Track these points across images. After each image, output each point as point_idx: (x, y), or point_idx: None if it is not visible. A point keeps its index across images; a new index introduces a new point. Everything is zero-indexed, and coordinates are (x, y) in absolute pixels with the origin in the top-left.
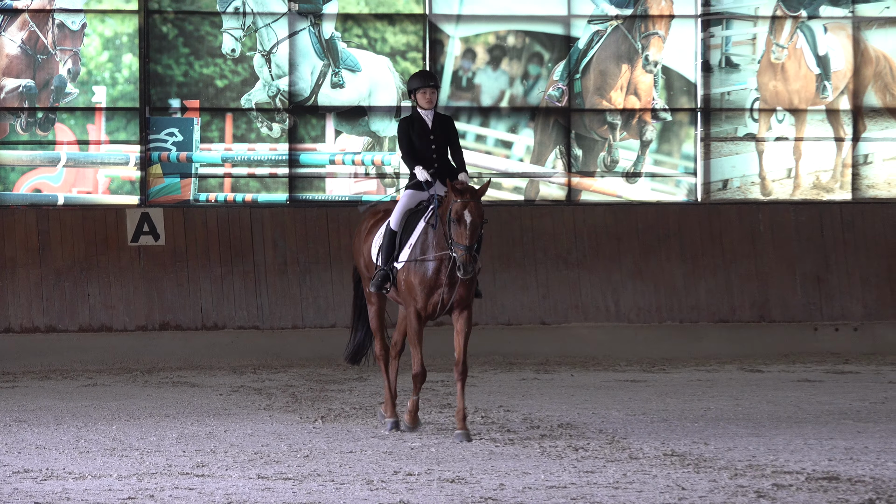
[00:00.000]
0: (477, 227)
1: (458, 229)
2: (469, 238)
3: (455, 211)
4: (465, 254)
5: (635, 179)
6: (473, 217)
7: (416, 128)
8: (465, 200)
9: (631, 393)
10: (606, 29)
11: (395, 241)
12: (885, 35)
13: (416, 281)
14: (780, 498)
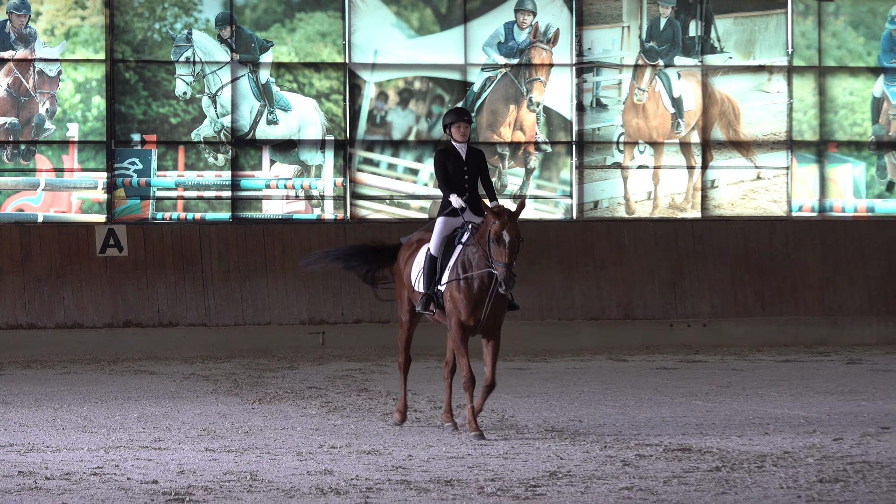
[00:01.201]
0: (515, 246)
1: (497, 248)
2: (508, 256)
3: (495, 231)
4: (505, 270)
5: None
6: (512, 237)
7: (451, 159)
8: (503, 221)
9: (518, 379)
10: (497, 75)
11: (435, 265)
12: (728, 81)
13: (460, 296)
14: (642, 466)
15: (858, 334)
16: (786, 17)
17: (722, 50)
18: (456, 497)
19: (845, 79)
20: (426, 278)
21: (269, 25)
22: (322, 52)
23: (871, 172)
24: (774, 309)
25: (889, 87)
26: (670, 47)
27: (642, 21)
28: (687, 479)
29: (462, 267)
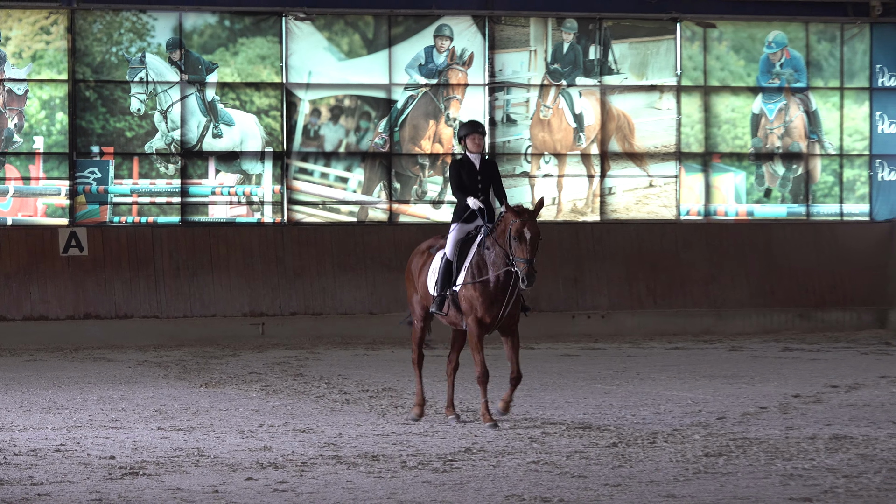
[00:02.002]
0: (536, 242)
1: (519, 245)
2: (530, 252)
3: (516, 229)
4: (527, 266)
5: (440, 206)
6: (532, 234)
7: (465, 169)
8: (524, 219)
9: (437, 365)
10: (418, 94)
11: (451, 268)
12: (623, 99)
13: (477, 294)
14: (548, 442)
15: (739, 324)
16: (675, 43)
17: (618, 71)
18: (381, 470)
19: (728, 97)
20: (441, 280)
21: (214, 49)
22: (262, 73)
23: (750, 181)
24: (665, 302)
25: (766, 104)
26: (572, 69)
27: (548, 45)
28: (587, 454)
29: (478, 267)
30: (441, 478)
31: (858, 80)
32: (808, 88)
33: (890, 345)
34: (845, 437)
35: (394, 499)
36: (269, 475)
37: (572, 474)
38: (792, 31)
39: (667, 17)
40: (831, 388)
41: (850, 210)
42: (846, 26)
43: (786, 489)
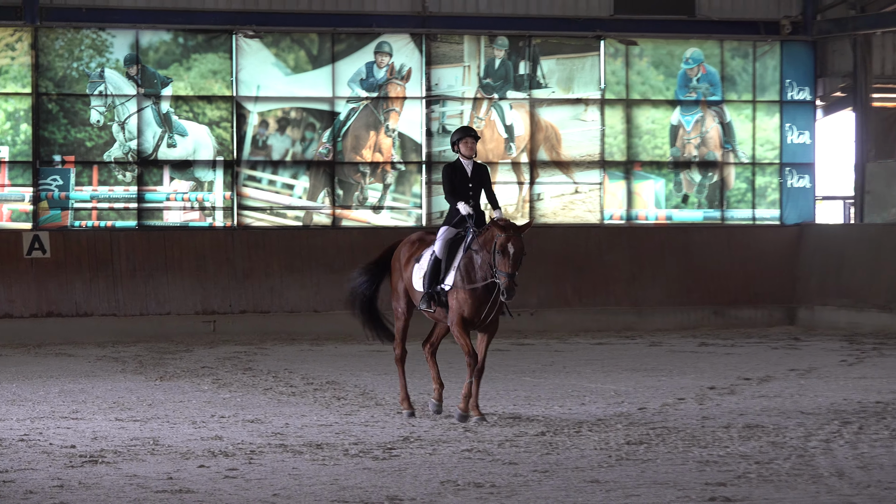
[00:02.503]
0: (518, 259)
1: (502, 259)
2: (512, 267)
3: (500, 243)
4: (507, 280)
5: (380, 211)
6: (516, 250)
7: (457, 173)
8: (508, 235)
9: (377, 359)
10: (359, 106)
11: (439, 267)
12: (551, 111)
13: (467, 297)
14: (480, 431)
15: (659, 321)
16: (599, 59)
17: (546, 85)
18: (325, 458)
19: (648, 110)
20: (429, 278)
21: (169, 64)
22: (213, 86)
23: (669, 187)
24: (589, 300)
25: (684, 116)
26: (503, 83)
27: (480, 61)
28: (517, 442)
29: (467, 271)
30: (381, 465)
31: (769, 94)
32: (722, 101)
33: (799, 340)
34: (757, 426)
35: (336, 484)
36: (220, 463)
37: (503, 461)
38: (708, 48)
39: (591, 35)
40: (744, 381)
41: (761, 215)
42: (758, 44)
43: (702, 475)
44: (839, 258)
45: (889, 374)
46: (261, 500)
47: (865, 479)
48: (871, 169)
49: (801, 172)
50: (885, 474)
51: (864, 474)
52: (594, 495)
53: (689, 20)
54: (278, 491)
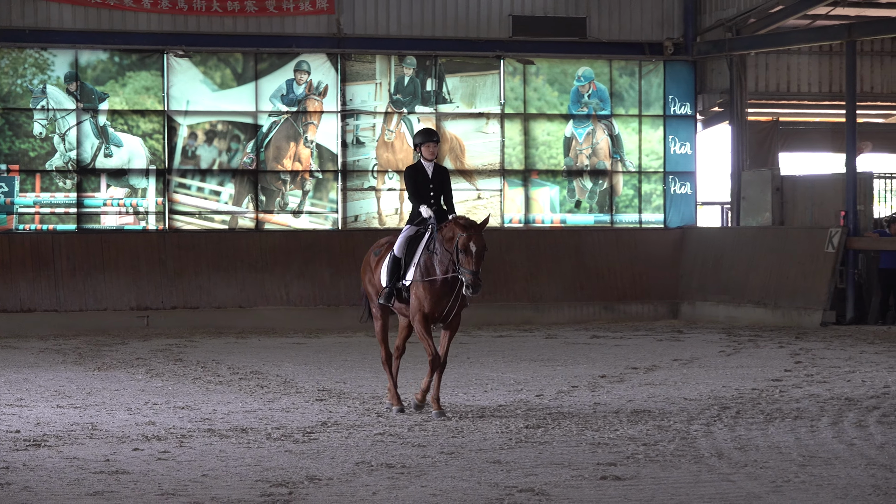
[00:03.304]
0: (481, 256)
1: (465, 257)
2: (476, 264)
3: (462, 242)
4: (472, 277)
5: (299, 215)
6: (478, 247)
7: (419, 175)
8: (469, 234)
9: (296, 351)
10: (280, 120)
11: (399, 264)
12: (455, 124)
13: (426, 292)
14: (392, 417)
15: (554, 315)
16: (499, 76)
17: (451, 101)
18: (250, 441)
19: (544, 123)
20: (389, 274)
21: (105, 81)
22: (146, 101)
23: (563, 194)
24: (492, 296)
25: (576, 129)
26: (412, 99)
27: (391, 79)
28: (426, 427)
29: (426, 267)
30: (301, 447)
31: (654, 109)
32: (611, 115)
33: (682, 333)
34: (644, 411)
35: (260, 465)
36: (153, 446)
37: (413, 444)
38: (598, 67)
39: (492, 55)
40: (632, 370)
41: (647, 219)
42: (643, 63)
43: (594, 455)
44: (718, 258)
45: (764, 363)
46: (191, 479)
47: (742, 459)
48: (746, 177)
49: (682, 180)
50: (761, 455)
51: (741, 455)
52: (496, 475)
53: (581, 42)
54: (207, 472)
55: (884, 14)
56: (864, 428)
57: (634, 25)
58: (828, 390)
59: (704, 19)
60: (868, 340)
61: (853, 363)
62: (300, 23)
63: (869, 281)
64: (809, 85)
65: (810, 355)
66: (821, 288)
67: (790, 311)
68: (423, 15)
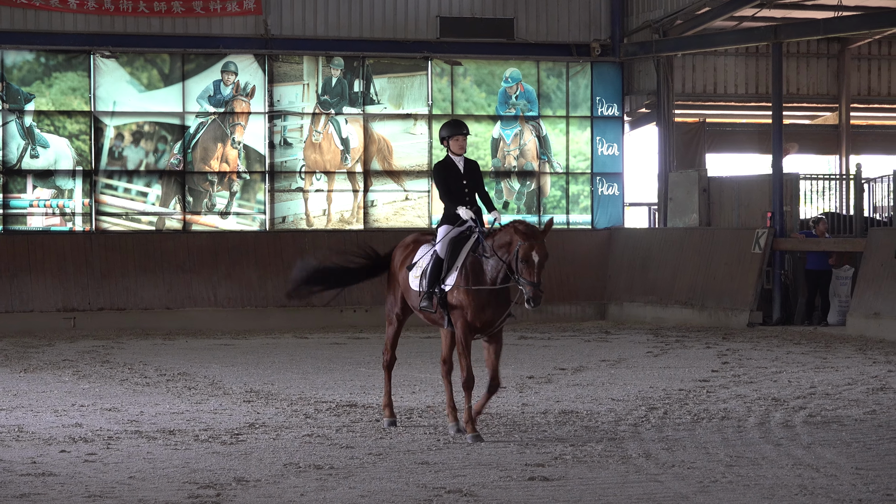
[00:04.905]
0: (543, 266)
1: (526, 268)
2: (537, 276)
3: (524, 252)
4: (533, 290)
5: (227, 216)
6: (541, 257)
7: (450, 172)
8: (532, 243)
9: (224, 352)
10: (207, 121)
11: (441, 266)
12: (383, 125)
13: (470, 299)
14: (320, 418)
15: None
16: (427, 78)
17: (379, 102)
18: (177, 443)
19: (472, 124)
20: (430, 277)
21: (32, 82)
22: (73, 102)
23: (492, 195)
24: None
25: (504, 130)
26: (340, 100)
27: (318, 80)
28: (354, 428)
29: (473, 272)
30: (228, 449)
31: (581, 110)
32: (539, 117)
33: (609, 333)
34: (572, 411)
35: (188, 467)
36: (80, 448)
37: (341, 445)
38: (525, 68)
39: (420, 56)
40: (560, 371)
41: (575, 220)
42: (571, 64)
43: (522, 456)
44: (645, 259)
45: (691, 364)
46: (118, 482)
47: (670, 459)
48: (673, 178)
49: (610, 181)
50: (688, 455)
51: (668, 455)
52: (424, 476)
53: (509, 43)
54: (134, 474)
55: (810, 16)
56: (791, 428)
57: (562, 27)
58: (754, 391)
59: (631, 21)
60: (794, 341)
61: (780, 364)
62: (227, 24)
63: (795, 282)
64: (736, 86)
65: (737, 356)
66: (747, 289)
67: (717, 311)
68: (350, 16)
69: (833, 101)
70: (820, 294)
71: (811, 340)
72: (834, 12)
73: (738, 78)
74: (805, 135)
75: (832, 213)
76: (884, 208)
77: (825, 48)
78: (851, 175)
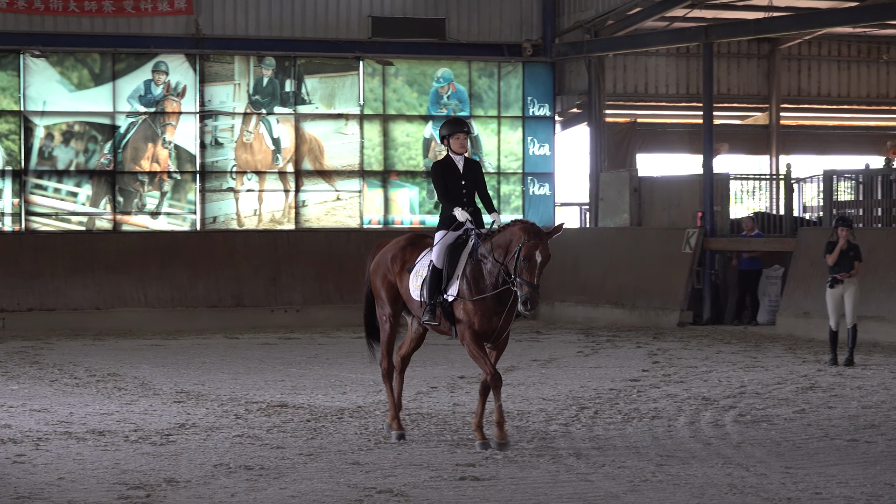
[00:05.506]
0: (544, 267)
1: (526, 267)
2: (537, 277)
3: (526, 251)
4: (531, 291)
5: (157, 216)
6: (543, 258)
7: (449, 172)
8: (536, 242)
9: (155, 353)
10: (138, 121)
11: (440, 276)
12: (314, 125)
13: (476, 308)
14: (251, 419)
15: None
16: (358, 78)
17: (310, 102)
18: (107, 444)
19: (403, 124)
20: (430, 289)
21: None
22: (2, 102)
23: (422, 195)
24: (350, 297)
25: (435, 130)
26: (271, 100)
27: (250, 80)
28: (284, 428)
29: (474, 279)
30: (158, 450)
31: (513, 110)
32: (470, 117)
33: (541, 333)
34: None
35: (118, 468)
36: (9, 449)
37: (272, 445)
38: (457, 68)
39: (351, 56)
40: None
41: (506, 220)
42: (503, 65)
43: (453, 456)
44: (576, 259)
45: (621, 363)
46: (47, 483)
47: (601, 458)
48: (605, 178)
49: (541, 181)
50: (618, 454)
51: (599, 454)
52: (355, 476)
53: (441, 43)
54: (63, 475)
55: (740, 16)
56: (721, 427)
57: (493, 27)
58: (685, 390)
59: (563, 21)
60: (724, 340)
61: (710, 363)
62: (158, 23)
63: (725, 281)
64: (667, 86)
65: (668, 355)
66: (678, 288)
67: (648, 311)
68: (282, 16)
69: (763, 102)
70: (750, 294)
71: (741, 340)
72: (764, 13)
73: (668, 78)
74: (736, 135)
75: (762, 212)
76: (813, 208)
77: (756, 48)
78: (781, 175)
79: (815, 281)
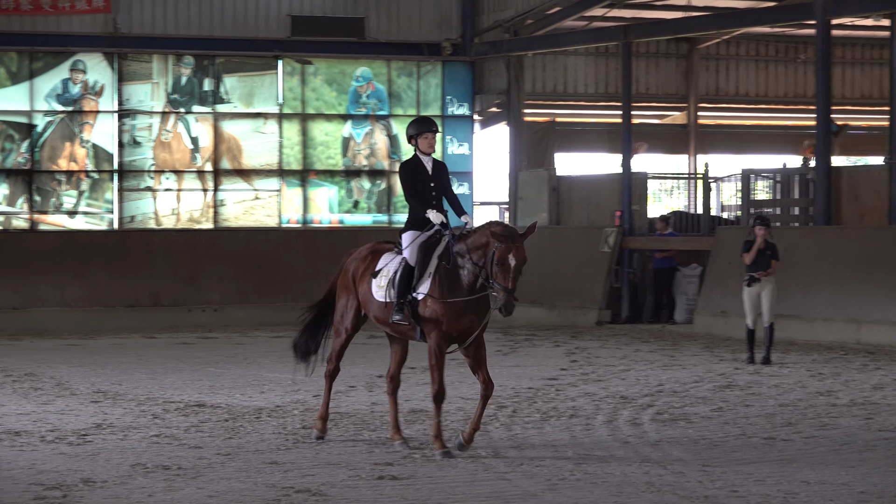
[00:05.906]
0: (520, 271)
1: (501, 271)
2: (512, 281)
3: (500, 255)
4: (507, 296)
5: (75, 216)
6: (518, 261)
7: (417, 172)
8: (509, 245)
9: (72, 352)
10: (56, 120)
11: (412, 275)
12: (233, 124)
13: (445, 308)
14: (168, 418)
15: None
16: (277, 77)
17: (229, 101)
18: (23, 444)
19: (322, 123)
20: (400, 287)
21: None
22: None
23: (341, 194)
24: (269, 297)
25: (355, 129)
26: (189, 99)
27: (168, 78)
28: (202, 428)
29: (448, 278)
30: (75, 450)
31: (433, 109)
32: (389, 116)
33: None
34: (421, 410)
35: (34, 468)
36: None
37: (189, 445)
38: (376, 67)
39: (270, 54)
40: (410, 370)
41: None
42: (422, 64)
43: (371, 455)
44: None
45: (540, 362)
46: None
47: (519, 457)
48: (524, 177)
49: (460, 180)
50: (537, 453)
51: (517, 453)
52: (273, 475)
53: (360, 42)
54: None
55: (659, 16)
56: (639, 426)
57: (413, 26)
58: (603, 389)
59: (482, 20)
60: (642, 339)
61: (628, 362)
62: (76, 22)
63: (644, 280)
64: (586, 86)
65: (586, 354)
66: (596, 287)
67: (566, 310)
68: (200, 14)
69: (682, 101)
70: (666, 293)
71: (659, 339)
72: (683, 13)
73: (587, 78)
74: (654, 134)
75: (680, 211)
76: (731, 207)
77: (674, 48)
78: (699, 174)
79: (732, 280)
